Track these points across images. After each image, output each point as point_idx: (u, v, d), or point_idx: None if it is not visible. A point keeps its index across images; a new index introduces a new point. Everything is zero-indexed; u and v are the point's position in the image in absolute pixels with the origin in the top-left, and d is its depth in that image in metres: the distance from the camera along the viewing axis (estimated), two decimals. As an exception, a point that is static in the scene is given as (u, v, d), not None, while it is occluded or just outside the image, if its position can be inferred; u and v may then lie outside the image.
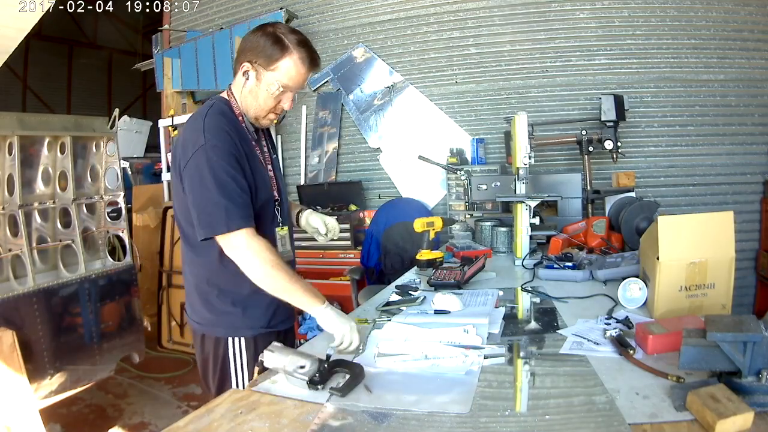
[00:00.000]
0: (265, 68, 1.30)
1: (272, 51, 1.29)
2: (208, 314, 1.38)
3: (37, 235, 2.52)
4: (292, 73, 1.31)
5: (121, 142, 2.98)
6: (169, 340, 3.71)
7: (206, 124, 1.27)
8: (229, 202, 1.22)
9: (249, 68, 1.32)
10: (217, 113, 1.32)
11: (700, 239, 1.33)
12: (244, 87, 1.34)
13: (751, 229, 3.17)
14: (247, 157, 1.32)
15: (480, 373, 1.07)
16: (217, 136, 1.26)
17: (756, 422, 0.80)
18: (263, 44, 1.30)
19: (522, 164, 2.21)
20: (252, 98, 1.34)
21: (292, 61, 1.30)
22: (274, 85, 1.31)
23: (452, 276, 1.80)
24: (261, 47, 1.30)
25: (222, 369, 1.39)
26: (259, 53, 1.30)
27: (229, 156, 1.26)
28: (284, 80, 1.31)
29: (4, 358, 2.06)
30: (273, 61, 1.30)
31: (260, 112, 1.36)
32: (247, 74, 1.33)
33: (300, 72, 1.32)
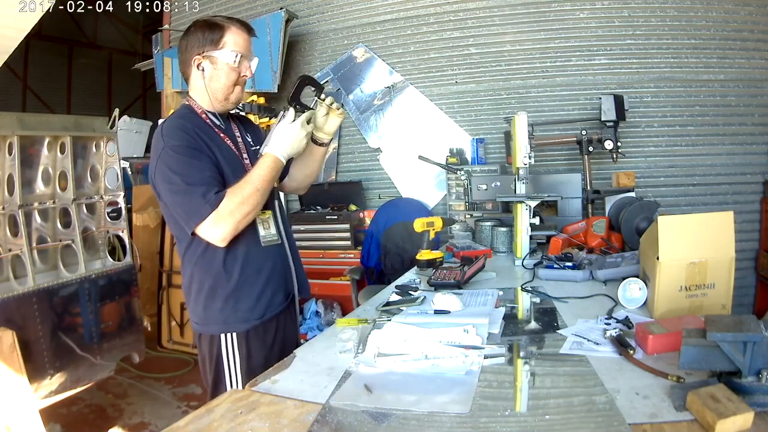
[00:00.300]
0: (215, 50, 1.40)
1: (212, 35, 1.40)
2: (203, 312, 1.41)
3: (37, 235, 2.52)
4: (238, 41, 1.42)
5: (121, 142, 2.98)
6: (169, 340, 3.71)
7: (164, 130, 1.35)
8: (200, 187, 1.28)
9: (201, 60, 1.40)
10: (174, 117, 1.41)
11: (700, 239, 1.33)
12: (203, 79, 1.41)
13: (751, 229, 3.17)
14: (210, 148, 1.36)
15: (480, 373, 1.06)
16: (174, 136, 1.32)
17: (756, 422, 0.80)
18: (202, 35, 1.40)
19: (522, 164, 2.21)
20: (216, 82, 1.41)
21: (233, 33, 1.41)
22: (229, 57, 1.40)
23: (452, 276, 1.80)
24: (202, 38, 1.40)
25: (216, 367, 1.40)
26: (204, 43, 1.40)
27: (188, 149, 1.31)
28: (235, 48, 1.41)
29: (4, 358, 2.06)
30: (218, 41, 1.40)
31: (228, 89, 1.43)
32: (201, 66, 1.41)
33: (243, 37, 1.43)
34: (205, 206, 1.27)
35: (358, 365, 1.14)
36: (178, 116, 1.41)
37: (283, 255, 1.51)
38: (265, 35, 3.55)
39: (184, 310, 3.64)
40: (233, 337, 1.39)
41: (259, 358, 1.41)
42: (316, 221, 3.50)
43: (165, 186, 1.31)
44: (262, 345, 1.43)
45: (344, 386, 1.05)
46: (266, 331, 1.45)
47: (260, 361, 1.39)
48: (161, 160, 1.30)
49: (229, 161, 1.39)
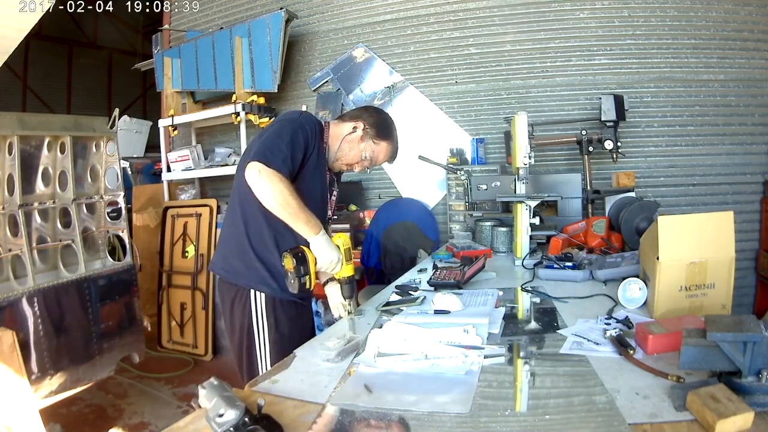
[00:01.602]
0: (372, 138, 1.65)
1: (385, 132, 1.66)
2: (240, 266, 1.58)
3: (37, 235, 2.52)
4: (382, 154, 1.68)
5: (121, 142, 2.98)
6: (169, 340, 3.71)
7: (304, 114, 1.61)
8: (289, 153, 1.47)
9: (361, 127, 1.64)
10: (316, 121, 1.61)
11: (700, 239, 1.33)
12: (348, 135, 1.64)
13: (751, 229, 3.17)
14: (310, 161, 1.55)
15: (480, 373, 1.06)
16: (309, 121, 1.56)
17: (756, 422, 0.80)
18: (382, 123, 1.67)
19: (522, 164, 2.21)
20: (347, 147, 1.64)
21: (389, 148, 1.68)
22: (368, 153, 1.65)
23: (452, 276, 1.80)
24: (379, 123, 1.66)
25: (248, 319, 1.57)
26: (376, 126, 1.65)
27: (306, 135, 1.52)
28: (373, 155, 1.66)
29: (4, 358, 2.06)
30: (380, 139, 1.65)
31: (343, 159, 1.66)
32: (356, 129, 1.64)
33: (386, 157, 1.70)
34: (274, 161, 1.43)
35: (358, 365, 1.14)
36: (317, 122, 1.61)
37: None
38: (265, 35, 3.55)
39: (185, 310, 3.65)
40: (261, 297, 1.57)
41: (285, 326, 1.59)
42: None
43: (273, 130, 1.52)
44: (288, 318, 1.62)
45: (344, 386, 1.05)
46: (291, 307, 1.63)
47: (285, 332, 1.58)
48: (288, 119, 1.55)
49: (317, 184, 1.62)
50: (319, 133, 1.59)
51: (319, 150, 1.59)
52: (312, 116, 1.61)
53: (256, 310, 1.57)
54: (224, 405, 0.87)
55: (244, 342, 1.59)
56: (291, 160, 1.47)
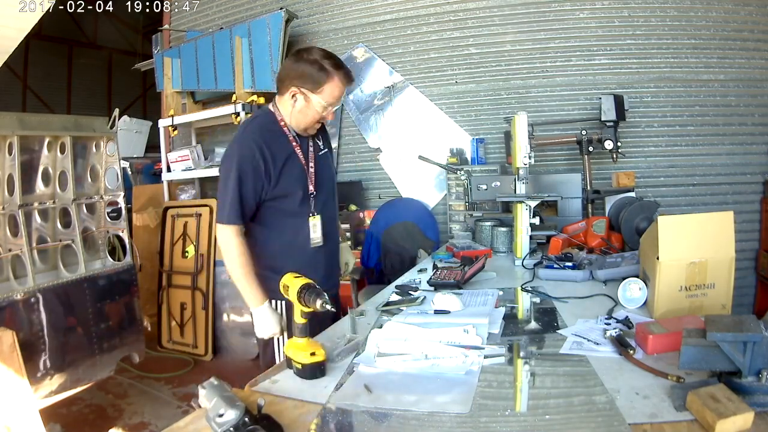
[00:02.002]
0: (312, 92, 1.54)
1: (317, 77, 1.52)
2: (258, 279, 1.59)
3: (37, 235, 2.52)
4: (335, 93, 1.56)
5: (121, 142, 2.98)
6: (169, 340, 3.71)
7: (243, 137, 1.57)
8: (231, 200, 1.51)
9: (297, 92, 1.54)
10: (257, 127, 1.59)
11: (700, 239, 1.33)
12: (293, 108, 1.57)
13: (751, 229, 3.17)
14: (277, 161, 1.55)
15: (480, 373, 1.07)
16: (243, 146, 1.54)
17: (756, 422, 0.80)
18: (309, 72, 1.52)
19: (522, 164, 2.21)
20: (302, 116, 1.58)
21: (334, 83, 1.54)
22: (321, 104, 1.55)
23: (452, 276, 1.80)
24: (307, 74, 1.52)
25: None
26: (306, 80, 1.53)
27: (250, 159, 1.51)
28: (329, 99, 1.55)
29: (4, 358, 2.06)
30: (318, 86, 1.53)
31: (308, 125, 1.60)
32: (296, 97, 1.55)
33: (341, 90, 1.58)
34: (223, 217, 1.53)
35: (358, 365, 1.14)
36: (260, 126, 1.59)
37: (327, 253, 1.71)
38: (265, 35, 3.55)
39: (185, 310, 3.65)
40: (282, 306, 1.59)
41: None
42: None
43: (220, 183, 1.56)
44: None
45: (344, 386, 1.05)
46: None
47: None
48: (226, 159, 1.56)
49: (292, 171, 1.58)
50: (270, 132, 1.57)
51: (281, 144, 1.58)
52: (248, 137, 1.55)
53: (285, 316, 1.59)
54: (224, 405, 0.87)
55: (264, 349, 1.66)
56: (240, 204, 1.51)
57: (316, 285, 1.18)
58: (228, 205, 1.51)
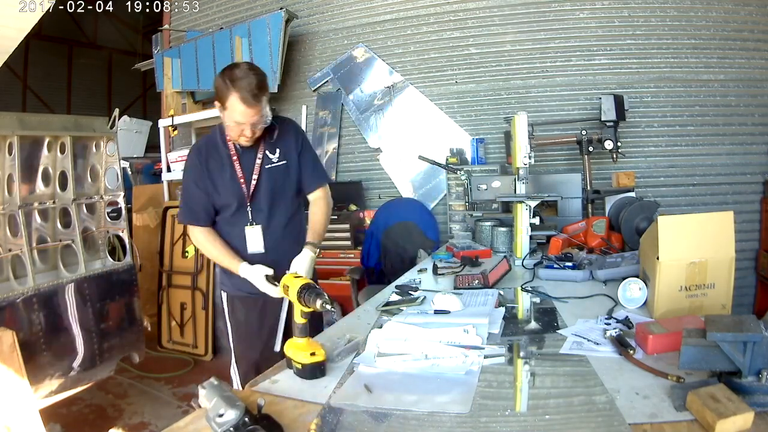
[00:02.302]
0: (222, 108, 1.57)
1: (222, 94, 1.54)
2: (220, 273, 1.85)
3: (37, 235, 2.52)
4: (236, 110, 1.52)
5: (121, 142, 2.98)
6: (169, 340, 3.71)
7: (191, 150, 1.76)
8: (186, 205, 1.72)
9: (219, 106, 1.59)
10: (202, 141, 1.77)
11: (700, 239, 1.33)
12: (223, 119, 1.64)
13: (751, 229, 3.17)
14: (212, 173, 1.67)
15: (480, 373, 1.07)
16: (191, 159, 1.71)
17: (756, 422, 0.80)
18: (217, 87, 1.56)
19: (522, 164, 2.21)
20: (228, 129, 1.63)
21: (233, 101, 1.52)
22: (227, 121, 1.58)
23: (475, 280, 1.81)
24: (217, 89, 1.57)
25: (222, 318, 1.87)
26: (218, 96, 1.57)
27: (195, 174, 1.68)
28: (234, 117, 1.54)
29: (4, 358, 2.06)
30: (223, 102, 1.55)
31: (235, 138, 1.63)
32: (220, 110, 1.60)
33: (241, 109, 1.52)
34: (183, 218, 1.74)
35: (358, 365, 1.14)
36: (206, 136, 1.76)
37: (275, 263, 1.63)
38: (265, 35, 3.55)
39: (185, 310, 3.65)
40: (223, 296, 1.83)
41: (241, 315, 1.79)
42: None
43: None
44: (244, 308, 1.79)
45: (344, 386, 1.05)
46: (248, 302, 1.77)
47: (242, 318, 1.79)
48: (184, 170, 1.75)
49: (226, 182, 1.68)
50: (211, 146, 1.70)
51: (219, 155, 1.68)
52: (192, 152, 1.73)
53: (224, 308, 1.84)
54: (224, 405, 0.87)
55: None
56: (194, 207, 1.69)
57: (316, 285, 1.19)
58: (183, 207, 1.74)
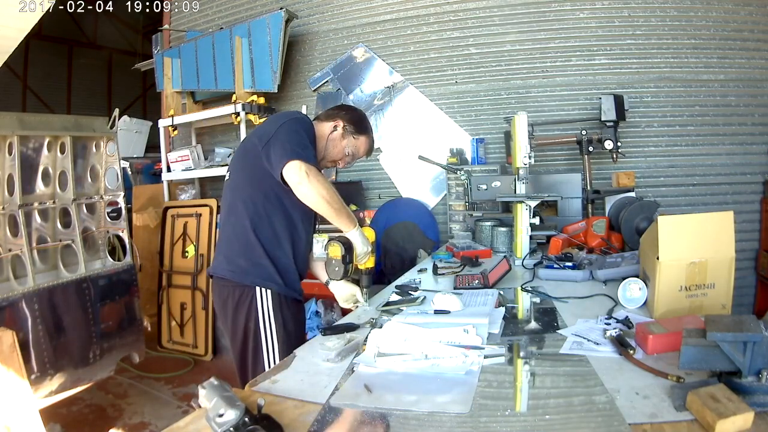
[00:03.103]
0: (351, 134, 1.74)
1: (362, 128, 1.76)
2: (245, 264, 1.58)
3: (37, 235, 2.52)
4: (360, 149, 1.78)
5: (121, 142, 2.98)
6: (169, 340, 3.71)
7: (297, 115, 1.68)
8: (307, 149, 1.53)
9: (340, 125, 1.73)
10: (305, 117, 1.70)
11: (700, 239, 1.33)
12: (331, 134, 1.72)
13: (751, 229, 3.17)
14: None
15: (480, 373, 1.06)
16: (302, 121, 1.64)
17: (756, 422, 0.80)
18: (358, 119, 1.75)
19: (522, 164, 2.21)
20: (331, 145, 1.72)
21: (368, 141, 1.78)
22: (349, 148, 1.74)
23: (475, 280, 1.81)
24: (356, 120, 1.75)
25: (254, 317, 1.57)
26: (354, 123, 1.74)
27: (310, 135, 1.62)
28: (354, 150, 1.75)
29: (4, 358, 2.06)
30: (359, 134, 1.75)
31: (329, 156, 1.74)
32: (336, 128, 1.73)
33: (366, 150, 1.79)
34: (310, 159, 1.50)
35: (358, 365, 1.14)
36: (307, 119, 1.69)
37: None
38: (265, 35, 3.55)
39: (185, 310, 3.64)
40: (268, 293, 1.58)
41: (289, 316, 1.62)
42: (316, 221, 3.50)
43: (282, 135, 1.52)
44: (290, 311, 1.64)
45: (344, 386, 1.05)
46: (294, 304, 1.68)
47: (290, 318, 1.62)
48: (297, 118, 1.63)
49: None
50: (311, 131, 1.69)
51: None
52: (302, 117, 1.70)
53: (263, 308, 1.57)
54: (224, 405, 0.87)
55: (249, 344, 1.58)
56: (314, 157, 1.58)
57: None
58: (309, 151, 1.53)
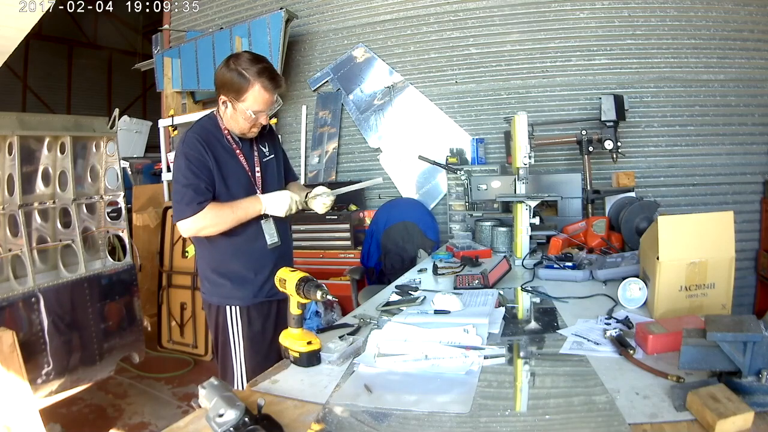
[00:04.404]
0: (236, 100, 1.54)
1: (238, 86, 1.52)
2: (208, 285, 1.67)
3: (37, 235, 2.52)
4: (259, 100, 1.54)
5: (121, 142, 2.98)
6: (169, 340, 3.71)
7: (186, 136, 1.59)
8: (193, 192, 1.52)
9: (225, 99, 1.57)
10: (198, 127, 1.62)
11: (700, 239, 1.33)
12: (225, 113, 1.61)
13: (751, 229, 3.17)
14: (220, 164, 1.58)
15: (480, 373, 1.07)
16: (190, 145, 1.56)
17: (756, 422, 0.80)
18: (230, 80, 1.53)
19: (522, 164, 2.21)
20: (234, 122, 1.60)
21: (257, 91, 1.53)
22: (246, 113, 1.56)
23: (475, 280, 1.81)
24: (229, 83, 1.53)
25: (223, 332, 1.66)
26: (229, 89, 1.54)
27: (198, 161, 1.54)
28: (254, 107, 1.55)
29: (4, 358, 2.06)
30: (241, 94, 1.53)
31: (243, 130, 1.61)
32: (225, 104, 1.58)
33: (265, 98, 1.55)
34: (189, 210, 1.52)
35: (358, 365, 1.14)
36: (201, 126, 1.62)
37: (284, 254, 1.74)
38: (265, 35, 3.55)
39: (184, 310, 3.65)
40: (235, 310, 1.64)
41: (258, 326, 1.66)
42: (316, 221, 3.49)
43: (174, 183, 1.57)
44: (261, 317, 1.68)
45: (344, 386, 1.05)
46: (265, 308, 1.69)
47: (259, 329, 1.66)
48: (175, 160, 1.58)
49: (236, 175, 1.62)
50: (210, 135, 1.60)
51: (223, 147, 1.61)
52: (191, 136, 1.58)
53: (231, 323, 1.65)
54: (224, 405, 0.87)
55: (219, 351, 1.70)
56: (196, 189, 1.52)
57: (314, 278, 1.22)
58: (186, 197, 1.52)
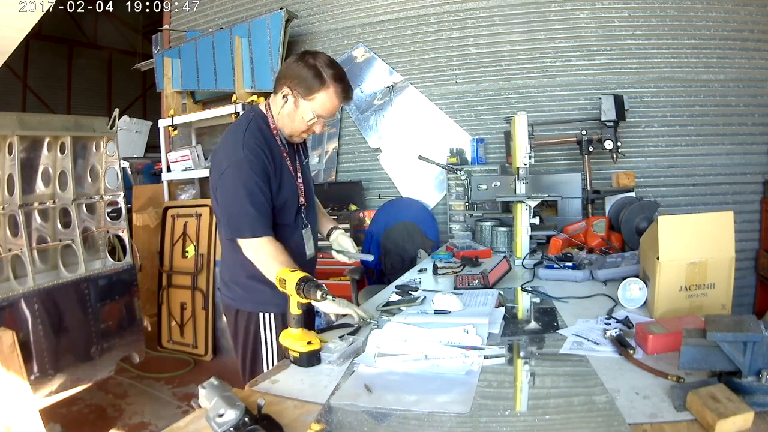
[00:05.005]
0: (303, 97, 1.44)
1: (312, 83, 1.42)
2: (240, 291, 1.56)
3: (37, 235, 2.52)
4: (327, 105, 1.45)
5: (121, 142, 2.98)
6: (169, 340, 3.71)
7: (245, 140, 1.42)
8: (256, 212, 1.40)
9: (289, 93, 1.45)
10: (256, 129, 1.47)
11: (700, 239, 1.33)
12: (282, 108, 1.48)
13: (751, 229, 3.17)
14: (276, 170, 1.47)
15: (480, 373, 1.07)
16: (252, 150, 1.41)
17: (756, 422, 0.80)
18: (304, 75, 1.42)
19: (522, 164, 2.21)
20: (288, 120, 1.48)
21: (328, 95, 1.44)
22: (309, 114, 1.45)
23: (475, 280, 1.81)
24: (302, 77, 1.42)
25: (255, 340, 1.55)
26: (300, 82, 1.43)
27: (262, 172, 1.42)
28: (319, 110, 1.45)
29: (4, 358, 2.06)
30: (311, 92, 1.43)
31: (294, 132, 1.51)
32: (287, 98, 1.46)
33: (334, 104, 1.46)
34: (248, 231, 1.40)
35: (358, 365, 1.14)
36: (257, 126, 1.48)
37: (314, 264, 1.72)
38: (265, 35, 3.55)
39: (184, 310, 3.64)
40: (270, 317, 1.54)
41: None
42: (316, 221, 3.50)
43: (230, 190, 1.41)
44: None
45: (344, 386, 1.05)
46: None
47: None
48: (237, 167, 1.40)
49: (286, 182, 1.51)
50: (266, 138, 1.48)
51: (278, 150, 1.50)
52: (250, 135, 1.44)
53: (266, 330, 1.55)
54: (224, 405, 0.87)
55: (248, 359, 1.58)
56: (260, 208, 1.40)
57: (313, 278, 1.22)
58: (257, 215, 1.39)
